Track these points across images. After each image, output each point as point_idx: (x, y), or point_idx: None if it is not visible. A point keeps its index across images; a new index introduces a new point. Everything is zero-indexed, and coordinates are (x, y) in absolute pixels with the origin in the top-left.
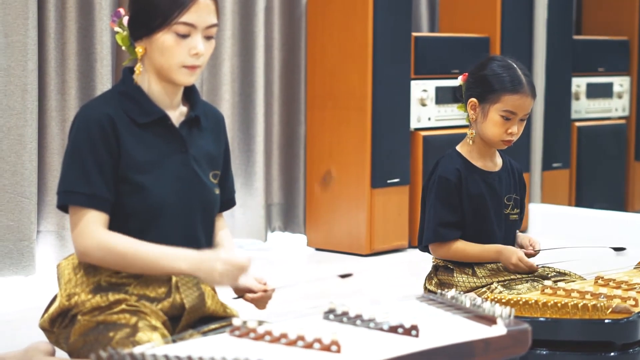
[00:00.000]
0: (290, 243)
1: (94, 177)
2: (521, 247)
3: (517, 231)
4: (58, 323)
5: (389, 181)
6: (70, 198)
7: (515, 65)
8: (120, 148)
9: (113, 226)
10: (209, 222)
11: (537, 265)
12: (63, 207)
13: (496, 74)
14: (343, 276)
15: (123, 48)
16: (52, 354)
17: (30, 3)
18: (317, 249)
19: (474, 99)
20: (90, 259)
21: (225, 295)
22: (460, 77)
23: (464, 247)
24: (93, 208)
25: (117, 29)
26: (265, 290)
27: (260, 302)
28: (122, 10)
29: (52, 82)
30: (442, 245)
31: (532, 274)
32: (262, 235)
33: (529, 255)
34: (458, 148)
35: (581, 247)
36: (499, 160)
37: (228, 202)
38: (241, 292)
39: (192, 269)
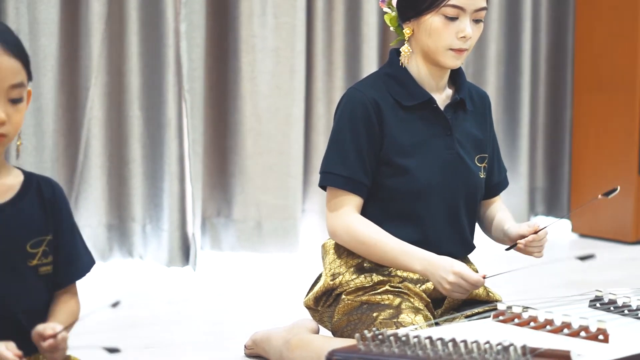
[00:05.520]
0: (553, 228)
1: (352, 160)
2: None
3: None
4: (322, 302)
5: None
6: (328, 179)
7: None
8: (384, 132)
9: (376, 208)
10: (472, 206)
11: None
12: (323, 187)
13: None
14: (582, 258)
15: (391, 29)
16: (317, 332)
17: None
18: (581, 235)
19: None
20: (338, 241)
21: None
22: None
23: None
24: (348, 191)
25: (386, 9)
26: (536, 231)
27: (535, 248)
28: None
29: (319, 63)
30: None
31: None
32: (525, 219)
33: None
34: None
35: None
36: None
37: (500, 184)
38: (512, 240)
39: (425, 271)
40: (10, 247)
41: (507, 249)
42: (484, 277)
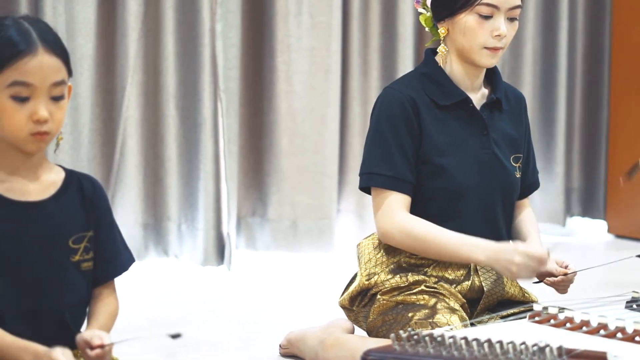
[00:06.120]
0: (589, 229)
1: (396, 159)
2: None
3: None
4: (357, 302)
5: None
6: (373, 180)
7: None
8: (422, 131)
9: (413, 209)
10: (508, 205)
11: None
12: (365, 188)
13: None
14: None
15: (426, 29)
16: (352, 331)
17: None
18: (618, 236)
19: None
20: (390, 241)
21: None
22: None
23: None
24: (395, 190)
25: (420, 9)
26: (566, 274)
27: (561, 286)
28: None
29: (354, 63)
30: None
31: None
32: (560, 220)
33: None
34: None
35: None
36: None
37: (531, 185)
38: (542, 277)
39: (489, 260)
40: (53, 243)
41: (534, 283)
42: (548, 253)
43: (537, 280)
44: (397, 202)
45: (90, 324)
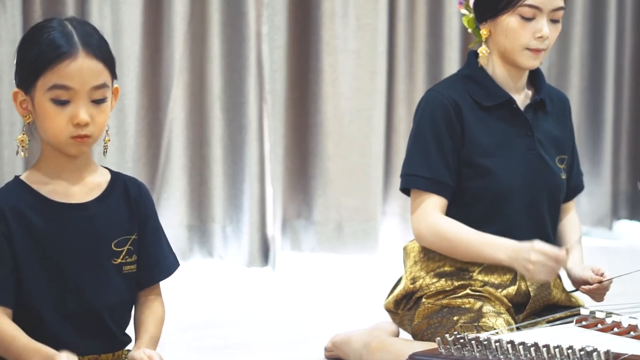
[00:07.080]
0: (637, 232)
1: (435, 161)
2: None
3: None
4: (402, 305)
5: None
6: (411, 181)
7: None
8: (465, 132)
9: (458, 212)
10: (555, 206)
11: None
12: (405, 190)
13: None
14: None
15: (469, 30)
16: (397, 334)
17: None
18: None
19: None
20: (423, 242)
21: (566, 287)
22: None
23: None
24: (432, 192)
25: (463, 11)
26: (601, 282)
27: (597, 294)
28: None
29: (400, 65)
30: None
31: None
32: (607, 223)
33: None
34: None
35: None
36: None
37: (576, 187)
38: (578, 284)
39: (510, 259)
40: (96, 245)
41: (570, 292)
42: (567, 251)
43: (574, 288)
44: (432, 204)
45: (139, 335)
